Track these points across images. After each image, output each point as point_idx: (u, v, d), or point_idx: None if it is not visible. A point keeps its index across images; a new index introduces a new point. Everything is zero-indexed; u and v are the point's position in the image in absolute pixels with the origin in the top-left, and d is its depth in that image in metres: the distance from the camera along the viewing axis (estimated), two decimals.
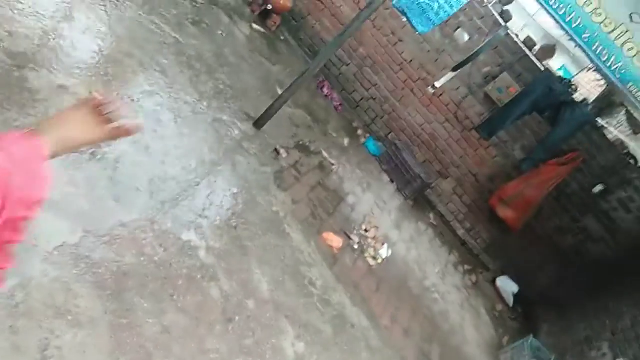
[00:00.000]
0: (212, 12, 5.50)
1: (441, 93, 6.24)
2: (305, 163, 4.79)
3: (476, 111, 6.19)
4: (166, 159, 3.40)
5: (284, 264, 3.54)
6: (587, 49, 4.10)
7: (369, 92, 6.70)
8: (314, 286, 3.63)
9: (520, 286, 6.13)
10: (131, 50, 3.87)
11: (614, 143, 5.81)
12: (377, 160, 6.12)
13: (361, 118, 6.72)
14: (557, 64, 7.30)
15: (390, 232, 5.13)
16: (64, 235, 2.42)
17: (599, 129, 5.79)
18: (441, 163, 6.43)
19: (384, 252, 4.67)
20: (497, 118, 5.23)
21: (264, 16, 6.37)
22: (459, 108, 6.25)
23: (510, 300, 6.02)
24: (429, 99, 6.40)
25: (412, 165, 6.03)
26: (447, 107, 6.32)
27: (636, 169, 5.81)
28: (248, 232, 3.49)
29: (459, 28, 6.19)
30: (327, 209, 4.53)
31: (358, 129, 6.40)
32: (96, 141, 1.04)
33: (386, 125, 6.62)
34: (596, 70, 4.54)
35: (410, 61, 6.40)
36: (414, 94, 6.47)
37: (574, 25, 4.02)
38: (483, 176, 6.29)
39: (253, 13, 6.28)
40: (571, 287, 5.99)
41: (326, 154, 5.24)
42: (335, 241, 4.21)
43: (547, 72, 5.12)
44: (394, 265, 4.74)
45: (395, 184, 6.01)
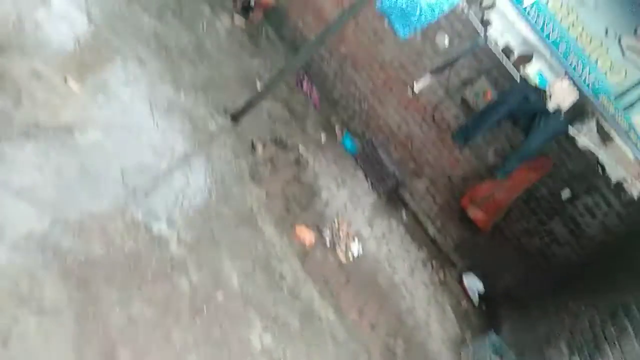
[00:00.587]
0: (193, 3, 5.49)
1: (419, 95, 6.34)
2: (281, 157, 4.83)
3: (453, 114, 6.29)
4: (140, 149, 3.42)
5: (255, 257, 3.59)
6: (562, 61, 4.22)
7: (348, 90, 6.77)
8: (284, 280, 3.69)
9: (485, 284, 6.30)
10: (109, 38, 3.85)
11: (583, 151, 5.98)
12: (353, 157, 6.19)
13: (339, 115, 6.79)
14: (533, 70, 7.45)
15: (363, 229, 5.21)
16: (31, 223, 2.43)
17: (569, 136, 5.95)
18: (416, 162, 6.53)
19: (355, 248, 4.75)
20: (472, 125, 5.35)
21: (246, 9, 6.37)
22: (436, 110, 6.35)
23: (476, 298, 6.18)
24: (407, 99, 6.49)
25: (387, 163, 6.12)
26: (424, 109, 6.41)
27: (603, 177, 6.00)
28: (220, 225, 3.53)
29: (439, 31, 6.28)
30: (301, 203, 4.59)
31: (335, 126, 6.46)
32: None
33: (364, 123, 6.69)
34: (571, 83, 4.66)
35: (391, 61, 6.48)
36: (392, 93, 6.55)
37: (551, 37, 4.13)
38: (456, 177, 6.41)
39: (235, 6, 6.27)
40: (534, 287, 6.18)
41: (303, 149, 5.29)
42: (308, 236, 4.27)
43: (523, 82, 5.24)
44: (364, 261, 4.82)
45: (370, 181, 6.10)
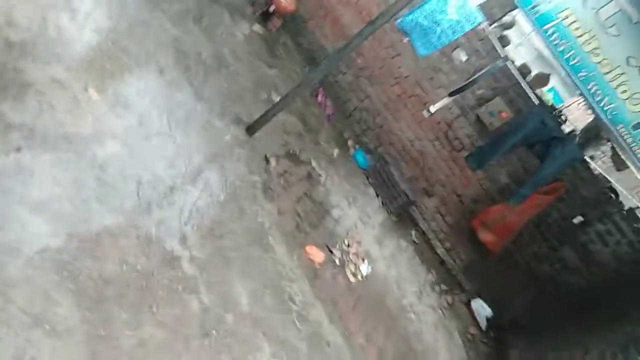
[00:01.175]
0: (213, 10, 5.44)
1: (434, 112, 6.27)
2: (293, 172, 4.77)
3: (466, 132, 6.24)
4: (155, 161, 3.36)
5: (265, 278, 3.52)
6: (582, 87, 4.16)
7: (362, 103, 6.70)
8: (293, 302, 3.62)
9: (494, 310, 6.20)
10: (129, 46, 3.80)
11: (597, 176, 5.91)
12: (364, 173, 6.13)
13: (352, 128, 6.72)
14: (547, 87, 7.39)
15: (372, 248, 5.14)
16: (47, 239, 2.37)
17: (584, 161, 5.88)
18: (427, 181, 6.46)
19: (364, 268, 4.68)
20: (487, 150, 5.28)
21: (265, 17, 6.32)
22: (449, 128, 6.29)
23: (484, 324, 6.09)
24: (421, 115, 6.42)
25: (398, 181, 6.05)
26: (438, 126, 6.35)
27: (616, 204, 5.92)
28: (232, 243, 3.46)
29: (457, 48, 6.23)
30: (311, 221, 4.52)
31: (348, 140, 6.40)
32: None
33: (377, 137, 6.63)
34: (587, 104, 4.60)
35: (407, 76, 6.42)
36: (407, 109, 6.49)
37: (571, 62, 4.07)
38: (467, 197, 6.34)
39: (254, 13, 6.22)
40: (544, 315, 6.08)
41: (315, 164, 5.23)
42: (318, 256, 4.21)
43: (540, 107, 5.18)
44: (373, 283, 4.75)
45: (381, 198, 6.03)
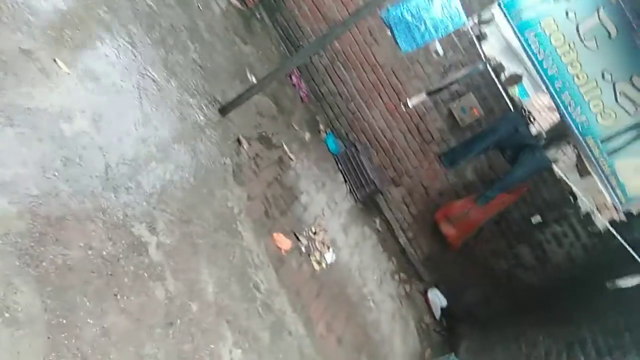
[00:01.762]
0: None
1: (407, 103, 6.30)
2: (265, 156, 4.71)
3: (437, 126, 6.31)
4: (125, 140, 3.23)
5: (231, 265, 3.49)
6: (556, 97, 4.25)
7: (336, 88, 6.65)
8: (259, 290, 3.61)
9: (449, 301, 6.40)
10: (102, 15, 3.61)
11: (559, 179, 6.10)
12: (334, 158, 6.12)
13: (325, 112, 6.68)
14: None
15: (338, 236, 5.17)
16: (8, 222, 2.26)
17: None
18: (396, 170, 6.52)
19: (329, 256, 4.71)
20: (460, 150, 5.36)
21: None
22: (421, 120, 6.34)
23: (438, 314, 6.28)
24: (394, 105, 6.44)
25: (367, 169, 6.08)
26: (410, 117, 6.39)
27: (574, 207, 6.15)
28: (200, 228, 3.40)
29: (434, 40, 6.23)
30: (280, 207, 4.50)
31: (320, 124, 6.36)
32: None
33: (349, 123, 6.61)
34: (560, 115, 4.71)
35: (383, 64, 6.40)
36: (380, 97, 6.49)
37: (549, 72, 4.14)
38: (433, 190, 6.45)
39: None
40: (496, 309, 6.33)
41: (287, 148, 5.17)
42: (285, 243, 4.20)
43: (514, 113, 5.28)
44: (336, 271, 4.80)
45: (349, 185, 6.05)
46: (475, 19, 6.18)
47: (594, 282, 5.54)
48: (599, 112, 4.27)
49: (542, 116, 7.22)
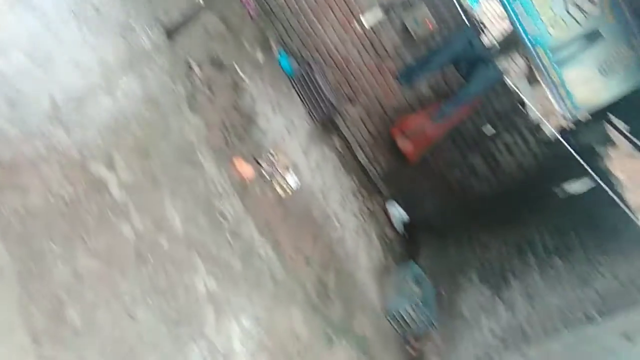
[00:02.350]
0: None
1: (359, 17, 6.11)
2: (218, 80, 4.51)
3: (392, 40, 6.19)
4: (68, 73, 2.98)
5: (196, 197, 3.42)
6: (508, 6, 4.21)
7: (285, 1, 6.32)
8: (225, 219, 3.59)
9: (408, 213, 6.63)
10: None
11: (509, 89, 6.20)
12: (289, 79, 5.94)
13: (276, 29, 6.38)
14: None
15: (298, 159, 5.15)
16: None
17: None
18: (352, 88, 6.43)
19: (292, 180, 4.70)
20: (417, 68, 5.31)
21: None
22: (375, 35, 6.19)
23: (399, 227, 6.52)
24: (347, 20, 6.23)
25: (324, 88, 5.96)
26: (364, 32, 6.21)
27: (524, 116, 6.33)
28: (160, 162, 3.28)
29: None
30: (239, 133, 4.38)
31: (272, 41, 6.09)
32: None
33: (301, 40, 6.37)
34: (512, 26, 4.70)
35: None
36: (333, 12, 6.25)
37: None
38: (389, 107, 6.44)
39: None
40: (451, 217, 6.63)
41: (239, 70, 4.96)
42: (246, 170, 4.13)
43: (468, 28, 5.22)
44: (300, 193, 4.82)
45: (306, 105, 5.94)
46: None
47: (543, 188, 5.87)
48: (549, 22, 4.29)
49: (493, 25, 7.19)
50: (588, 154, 5.97)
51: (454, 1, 5.85)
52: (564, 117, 5.81)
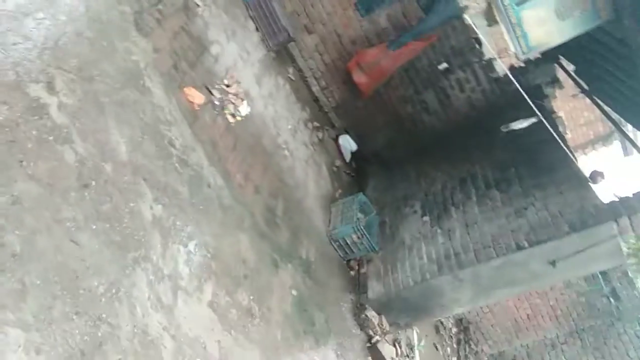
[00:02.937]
0: None
1: None
2: (168, 2, 4.32)
3: None
4: None
5: (143, 123, 3.40)
6: None
7: None
8: (173, 146, 3.60)
9: (358, 145, 6.76)
10: None
11: (467, 27, 6.21)
12: (244, 3, 5.74)
13: None
14: None
15: (251, 88, 5.11)
16: None
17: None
18: (309, 17, 6.28)
19: (244, 109, 4.69)
20: None
21: None
22: None
23: (348, 157, 6.66)
24: None
25: (280, 16, 5.80)
26: None
27: (478, 53, 6.40)
28: (104, 86, 3.22)
29: None
30: (189, 59, 4.29)
31: None
32: None
33: None
34: None
35: None
36: None
37: None
38: (346, 38, 6.36)
39: None
40: (401, 151, 6.81)
41: None
42: (197, 97, 4.09)
43: None
44: (251, 123, 4.83)
45: (261, 33, 5.80)
46: None
47: (489, 125, 6.05)
48: None
49: None
50: (535, 92, 6.18)
51: None
52: (516, 56, 5.91)
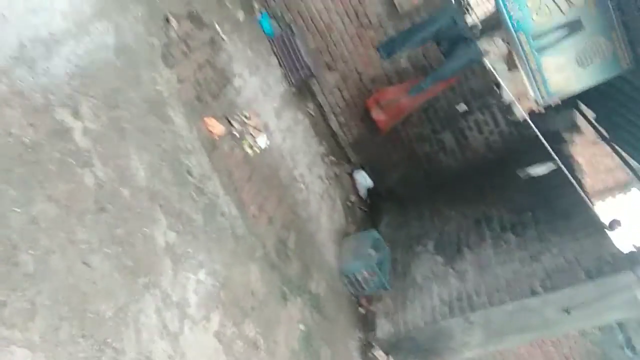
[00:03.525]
0: None
1: None
2: (195, 36, 4.48)
3: (376, 11, 6.17)
4: (40, 15, 2.96)
5: (163, 150, 3.48)
6: None
7: None
8: (191, 174, 3.67)
9: (374, 181, 6.78)
10: None
11: (487, 70, 6.29)
12: (269, 40, 5.91)
13: None
14: None
15: (270, 120, 5.20)
16: None
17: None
18: (331, 55, 6.44)
19: (262, 141, 4.76)
20: (398, 41, 5.33)
21: None
22: (360, 4, 6.17)
23: (363, 193, 6.68)
24: None
25: (303, 53, 5.95)
26: (348, 0, 6.18)
27: (498, 97, 6.45)
28: (128, 113, 3.32)
29: None
30: (212, 91, 4.40)
31: (255, 2, 6.02)
32: None
33: (284, 3, 6.30)
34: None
35: None
36: None
37: None
38: (366, 76, 6.49)
39: None
40: (416, 189, 6.81)
41: (218, 28, 4.92)
42: (217, 127, 4.18)
43: (453, 6, 5.24)
44: (268, 155, 4.90)
45: (283, 68, 5.94)
46: None
47: (506, 168, 6.05)
48: (534, 8, 4.35)
49: (478, 6, 7.21)
50: (554, 137, 6.18)
51: None
52: (536, 101, 5.95)
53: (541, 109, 6.41)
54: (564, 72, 4.93)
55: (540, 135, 5.15)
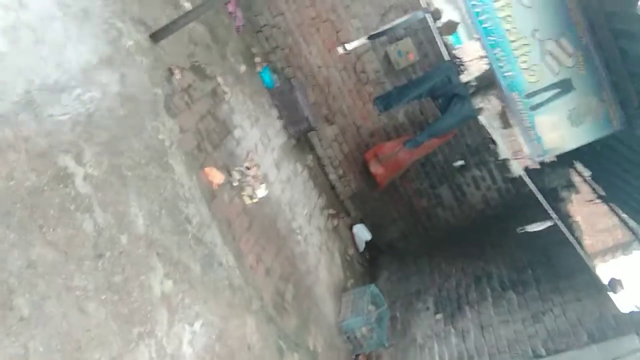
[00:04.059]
0: None
1: (344, 42, 6.27)
2: (198, 88, 4.58)
3: (373, 67, 6.36)
4: (48, 63, 3.02)
5: (162, 198, 3.46)
6: (489, 51, 4.39)
7: (274, 20, 6.46)
8: (190, 223, 3.63)
9: (372, 235, 6.74)
10: None
11: (482, 127, 6.42)
12: (269, 93, 6.04)
13: (261, 45, 6.50)
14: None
15: (270, 171, 5.22)
16: None
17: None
18: (329, 108, 6.57)
19: (261, 192, 4.75)
20: (395, 95, 5.48)
21: None
22: (358, 60, 6.36)
23: (362, 247, 6.62)
24: (332, 43, 6.39)
25: (302, 106, 6.07)
26: (347, 56, 6.38)
27: (494, 153, 6.54)
28: (130, 161, 3.32)
29: None
30: (213, 141, 4.45)
31: (256, 56, 6.20)
32: None
33: (285, 58, 6.50)
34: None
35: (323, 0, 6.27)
36: (319, 33, 6.40)
37: (484, 25, 4.24)
38: (365, 130, 6.59)
39: None
40: (414, 243, 6.76)
41: (221, 80, 5.04)
42: (217, 177, 4.19)
43: (449, 63, 5.42)
44: (267, 205, 4.88)
45: (283, 120, 6.04)
46: None
47: (505, 223, 6.04)
48: (525, 69, 4.47)
49: (473, 64, 7.45)
50: (551, 195, 6.21)
51: (438, 39, 6.09)
52: (531, 158, 6.02)
53: (536, 165, 6.50)
54: (557, 130, 4.98)
55: (537, 192, 5.19)
